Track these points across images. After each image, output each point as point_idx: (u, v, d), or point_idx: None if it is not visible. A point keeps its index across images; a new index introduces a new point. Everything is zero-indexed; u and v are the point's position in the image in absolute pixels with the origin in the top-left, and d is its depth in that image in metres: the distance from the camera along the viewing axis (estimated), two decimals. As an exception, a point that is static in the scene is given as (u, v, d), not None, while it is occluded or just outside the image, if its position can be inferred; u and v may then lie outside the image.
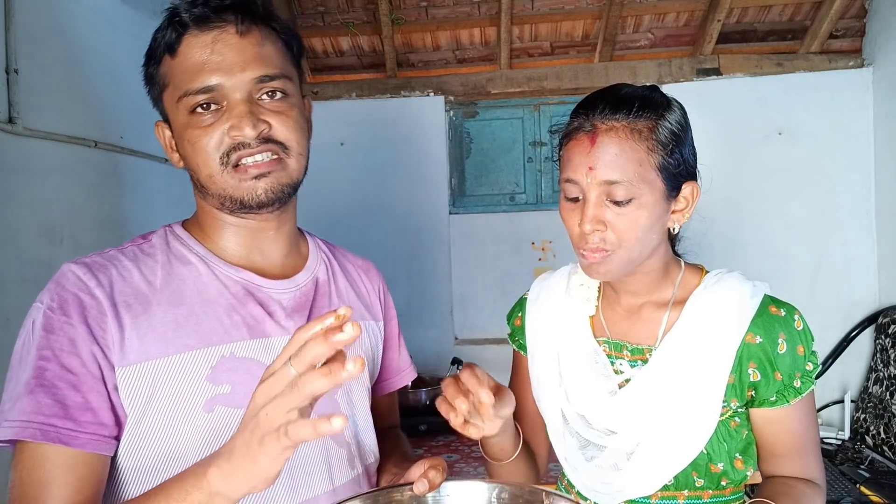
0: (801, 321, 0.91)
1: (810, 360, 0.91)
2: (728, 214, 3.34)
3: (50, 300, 0.75)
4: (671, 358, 0.91)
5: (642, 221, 0.86)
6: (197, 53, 0.79)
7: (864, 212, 3.25)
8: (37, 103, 1.78)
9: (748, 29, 3.36)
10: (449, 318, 3.46)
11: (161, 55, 0.82)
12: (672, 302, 0.95)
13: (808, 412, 0.93)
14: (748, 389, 0.90)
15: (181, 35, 0.80)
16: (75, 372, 0.72)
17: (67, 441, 0.70)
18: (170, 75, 0.82)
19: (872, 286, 3.25)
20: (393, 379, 1.11)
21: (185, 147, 0.82)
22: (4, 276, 1.64)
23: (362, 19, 3.33)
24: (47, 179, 1.82)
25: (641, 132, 0.86)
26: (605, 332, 0.99)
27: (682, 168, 0.90)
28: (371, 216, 3.39)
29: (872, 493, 2.29)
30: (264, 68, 0.81)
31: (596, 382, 0.95)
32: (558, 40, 3.49)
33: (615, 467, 0.92)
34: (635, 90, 0.90)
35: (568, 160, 0.89)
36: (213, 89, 0.79)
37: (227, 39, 0.79)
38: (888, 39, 3.08)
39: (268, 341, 0.85)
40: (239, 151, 0.80)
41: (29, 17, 1.76)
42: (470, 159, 3.65)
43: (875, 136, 3.22)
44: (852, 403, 3.09)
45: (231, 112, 0.79)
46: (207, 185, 0.82)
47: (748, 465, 0.93)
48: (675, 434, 0.89)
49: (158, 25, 0.84)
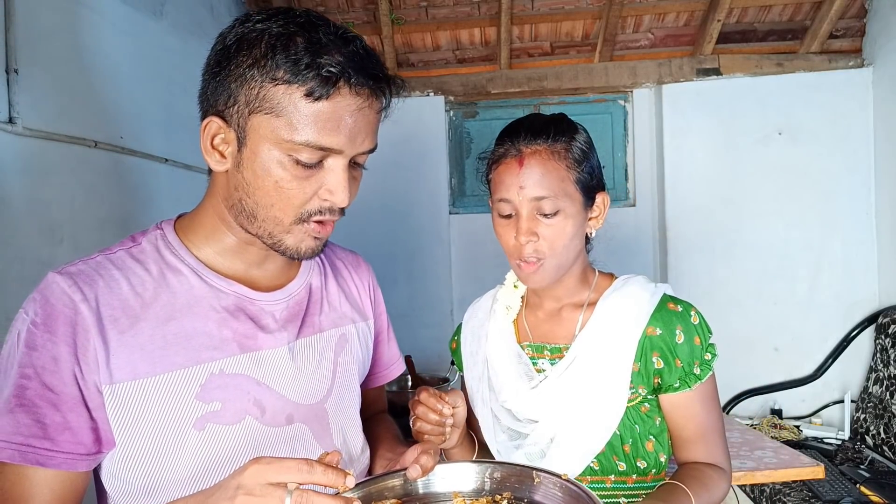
0: (697, 316, 1.04)
1: (708, 350, 1.03)
2: (728, 214, 3.34)
3: (34, 314, 0.74)
4: (583, 351, 1.03)
5: (568, 229, 1.00)
6: (340, 114, 0.74)
7: (864, 212, 3.25)
8: (37, 103, 1.78)
9: (748, 29, 3.37)
10: (449, 318, 3.46)
11: (290, 83, 0.72)
12: (587, 303, 1.08)
13: (710, 399, 1.04)
14: (654, 377, 1.02)
15: (336, 84, 0.73)
16: (56, 391, 0.72)
17: (44, 462, 0.71)
18: (292, 111, 0.73)
19: (872, 286, 3.25)
20: (382, 372, 1.11)
21: (261, 177, 0.76)
22: (4, 276, 1.64)
23: (362, 19, 3.33)
24: (47, 179, 1.82)
25: (560, 153, 0.99)
26: (528, 337, 1.12)
27: (594, 181, 1.04)
28: (371, 216, 3.39)
29: (872, 493, 2.29)
30: (372, 143, 0.81)
31: (519, 381, 1.07)
32: (558, 40, 3.49)
33: (541, 454, 1.03)
34: (548, 118, 1.05)
35: (500, 182, 1.01)
36: (331, 151, 0.76)
37: (369, 113, 0.78)
38: (888, 39, 3.09)
39: (258, 355, 0.83)
40: (323, 215, 0.80)
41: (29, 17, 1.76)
42: (470, 159, 3.65)
43: (875, 136, 3.22)
44: (852, 403, 3.10)
45: (335, 175, 0.78)
46: (264, 220, 0.79)
47: (659, 450, 1.03)
48: (590, 418, 1.01)
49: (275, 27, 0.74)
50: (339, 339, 0.95)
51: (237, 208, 0.80)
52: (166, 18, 2.49)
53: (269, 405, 0.83)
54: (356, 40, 0.77)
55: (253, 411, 0.81)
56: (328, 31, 0.75)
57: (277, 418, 0.83)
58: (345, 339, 0.96)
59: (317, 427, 0.88)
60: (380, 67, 0.78)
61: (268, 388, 0.83)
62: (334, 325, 0.95)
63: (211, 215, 0.85)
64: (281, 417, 0.84)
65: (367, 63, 0.76)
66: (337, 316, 0.96)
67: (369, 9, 3.27)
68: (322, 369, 0.90)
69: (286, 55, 0.72)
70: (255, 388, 0.82)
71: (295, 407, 0.86)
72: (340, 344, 0.95)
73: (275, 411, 0.83)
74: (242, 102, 0.75)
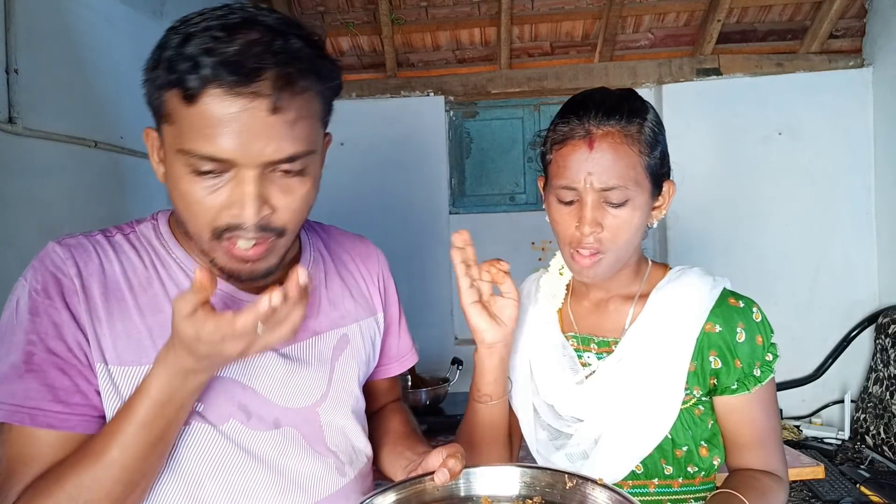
0: (759, 313, 0.95)
1: (769, 351, 0.95)
2: (728, 214, 3.34)
3: (34, 280, 0.74)
4: (635, 348, 0.94)
5: (635, 221, 0.90)
6: (216, 117, 0.65)
7: (864, 212, 3.25)
8: (37, 103, 1.78)
9: (748, 29, 3.36)
10: (449, 318, 3.47)
11: (171, 85, 0.67)
12: (638, 294, 0.99)
13: (769, 402, 0.96)
14: (710, 377, 0.94)
15: (204, 85, 0.65)
16: (62, 356, 0.72)
17: (57, 425, 0.70)
18: (177, 116, 0.68)
19: (872, 286, 3.25)
20: (391, 365, 1.06)
21: (174, 190, 0.72)
22: (4, 276, 1.64)
23: (362, 19, 3.33)
24: (47, 179, 1.82)
25: (633, 136, 0.88)
26: (573, 328, 1.03)
27: (664, 168, 0.94)
28: (371, 216, 3.39)
29: (872, 493, 2.29)
30: (290, 148, 0.69)
31: (563, 375, 0.98)
32: (558, 40, 3.49)
33: (583, 455, 0.95)
34: (620, 94, 0.93)
35: (564, 166, 0.90)
36: (223, 161, 0.67)
37: (256, 115, 0.66)
38: (888, 39, 3.08)
39: (245, 359, 0.77)
40: (233, 232, 0.71)
41: (29, 17, 1.76)
42: (470, 159, 3.65)
43: (875, 136, 3.22)
44: (852, 403, 3.10)
45: (237, 187, 0.69)
46: (192, 234, 0.75)
47: (714, 454, 0.95)
48: (640, 420, 0.92)
49: (170, 33, 0.69)
50: (338, 341, 0.91)
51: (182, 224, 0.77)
52: (166, 18, 2.49)
53: (255, 410, 0.80)
54: (257, 26, 0.67)
55: (237, 415, 0.79)
56: (212, 23, 0.67)
57: (263, 422, 0.81)
58: (345, 340, 0.92)
59: (308, 430, 0.85)
60: (277, 58, 0.66)
61: (254, 393, 0.80)
62: (334, 326, 0.91)
63: None
64: (267, 422, 0.81)
65: (252, 56, 0.65)
66: (338, 316, 0.92)
67: (369, 9, 3.27)
68: (316, 374, 0.87)
69: (161, 54, 0.68)
70: (239, 392, 0.79)
71: (283, 411, 0.83)
72: (340, 346, 0.91)
73: (260, 416, 0.81)
74: (156, 110, 0.72)
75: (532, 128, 3.63)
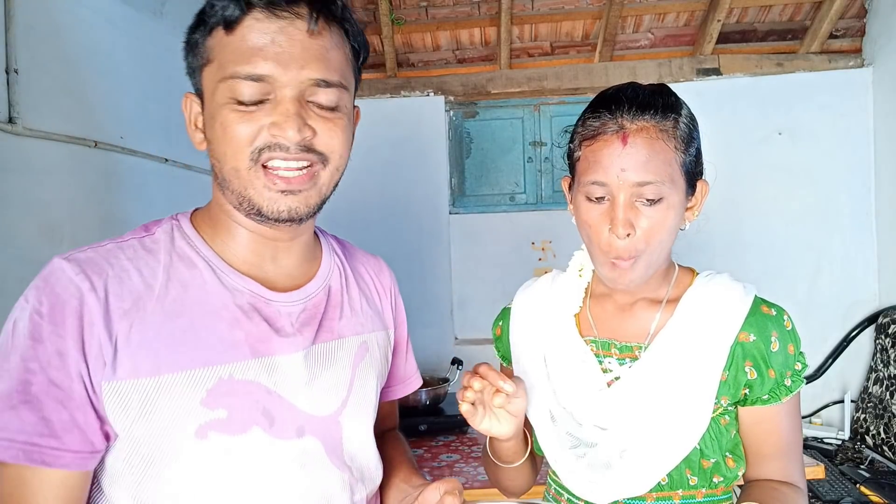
0: (789, 321, 0.92)
1: (799, 360, 0.92)
2: (728, 214, 3.34)
3: (38, 302, 0.68)
4: (664, 355, 0.90)
5: (669, 221, 0.86)
6: (256, 38, 0.71)
7: (864, 212, 3.25)
8: (37, 103, 1.78)
9: (748, 29, 3.36)
10: (449, 318, 3.46)
11: (213, 26, 0.73)
12: (666, 299, 0.95)
13: (795, 413, 0.93)
14: (743, 388, 0.90)
15: (244, 13, 0.71)
16: (63, 388, 0.67)
17: (51, 462, 0.67)
18: (218, 51, 0.73)
19: (872, 286, 3.25)
20: (398, 387, 1.05)
21: (215, 129, 0.74)
22: (4, 276, 1.64)
23: (362, 19, 3.33)
24: (47, 179, 1.82)
25: (668, 131, 0.85)
26: (592, 332, 0.98)
27: (698, 167, 0.91)
28: (371, 216, 3.39)
29: (872, 493, 2.29)
30: (324, 72, 0.74)
31: (583, 381, 0.94)
32: (558, 40, 3.49)
33: (607, 465, 0.91)
34: (652, 88, 0.90)
35: (595, 161, 0.86)
36: (263, 79, 0.71)
37: (294, 34, 0.72)
38: (888, 39, 3.08)
39: (271, 360, 0.77)
40: (273, 152, 0.72)
41: (29, 17, 1.76)
42: (470, 159, 3.65)
43: (875, 136, 3.22)
44: (852, 403, 3.09)
45: (277, 108, 0.72)
46: (230, 179, 0.75)
47: (739, 465, 0.93)
48: (668, 431, 0.89)
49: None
50: (359, 347, 0.89)
51: (221, 183, 0.78)
52: (166, 18, 2.49)
53: (279, 416, 0.77)
54: None
55: (261, 421, 0.75)
56: None
57: (287, 430, 0.78)
58: (365, 347, 0.90)
59: (329, 441, 0.82)
60: None
61: (279, 397, 0.77)
62: (355, 333, 0.89)
63: (218, 203, 0.81)
64: (291, 430, 0.78)
65: None
66: (358, 322, 0.90)
67: (369, 9, 3.27)
68: (338, 379, 0.84)
69: (213, 4, 0.74)
70: (265, 396, 0.76)
71: (307, 419, 0.80)
72: (360, 353, 0.89)
73: (284, 422, 0.77)
74: (197, 66, 0.77)
75: (532, 128, 3.63)
